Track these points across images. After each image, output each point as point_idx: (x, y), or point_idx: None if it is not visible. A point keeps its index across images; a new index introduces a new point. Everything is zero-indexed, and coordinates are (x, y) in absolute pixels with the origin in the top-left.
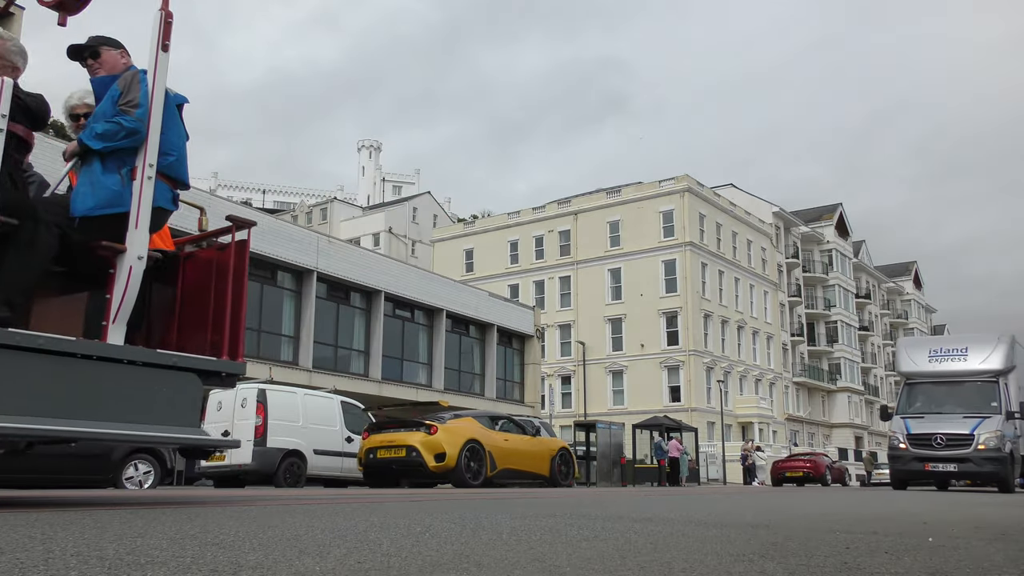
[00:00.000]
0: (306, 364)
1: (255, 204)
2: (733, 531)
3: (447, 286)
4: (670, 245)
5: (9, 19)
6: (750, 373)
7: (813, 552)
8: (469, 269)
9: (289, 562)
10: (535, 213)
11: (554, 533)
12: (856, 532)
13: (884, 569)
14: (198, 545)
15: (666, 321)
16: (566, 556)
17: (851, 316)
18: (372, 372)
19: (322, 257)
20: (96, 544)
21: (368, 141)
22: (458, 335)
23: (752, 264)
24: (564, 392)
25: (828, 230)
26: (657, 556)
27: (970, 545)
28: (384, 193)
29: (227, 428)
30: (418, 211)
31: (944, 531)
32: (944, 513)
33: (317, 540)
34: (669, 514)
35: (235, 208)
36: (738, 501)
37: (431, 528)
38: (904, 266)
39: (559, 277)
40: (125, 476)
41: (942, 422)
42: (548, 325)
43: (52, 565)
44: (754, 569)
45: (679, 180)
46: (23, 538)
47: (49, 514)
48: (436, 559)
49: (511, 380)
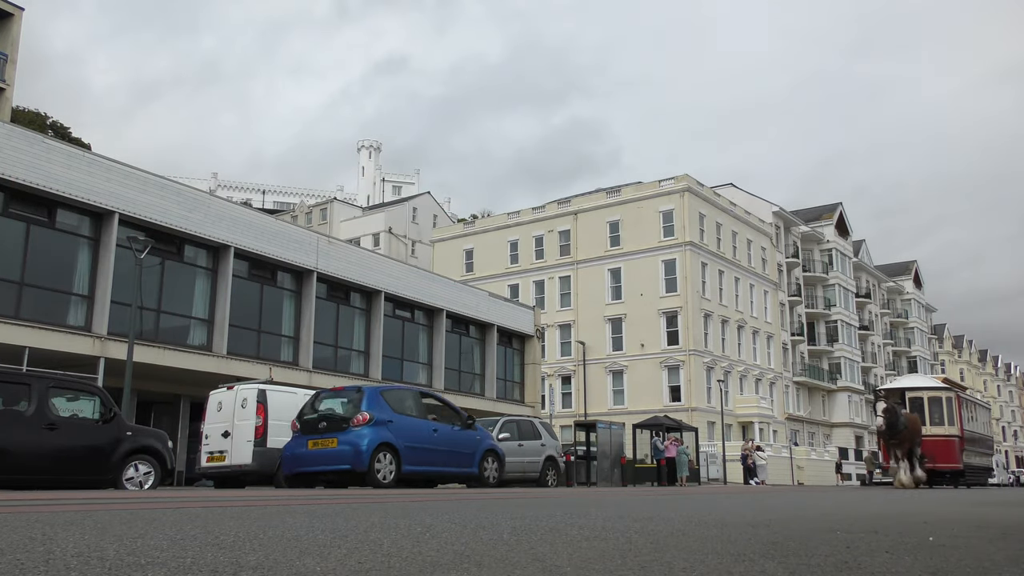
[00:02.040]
0: (306, 364)
1: (255, 204)
2: (733, 531)
3: (447, 286)
4: (670, 245)
5: (9, 19)
6: (750, 373)
7: (813, 552)
8: (469, 269)
9: (290, 562)
10: (535, 213)
11: (555, 533)
12: (856, 532)
13: (885, 568)
14: (199, 546)
15: (666, 321)
16: (567, 556)
17: (851, 315)
18: (372, 372)
19: (322, 257)
20: (97, 545)
21: (368, 141)
22: (458, 335)
23: (752, 264)
24: (564, 392)
25: (828, 229)
26: (658, 556)
27: (971, 544)
28: (384, 193)
29: (227, 428)
30: (418, 211)
31: (945, 531)
32: (945, 513)
33: (317, 540)
34: (669, 514)
35: (235, 208)
36: (738, 501)
37: (432, 528)
38: (904, 265)
39: (559, 277)
40: (125, 476)
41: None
42: (548, 325)
43: (52, 565)
44: (755, 569)
45: (679, 180)
46: (24, 539)
47: (49, 514)
48: (436, 559)
49: (511, 380)
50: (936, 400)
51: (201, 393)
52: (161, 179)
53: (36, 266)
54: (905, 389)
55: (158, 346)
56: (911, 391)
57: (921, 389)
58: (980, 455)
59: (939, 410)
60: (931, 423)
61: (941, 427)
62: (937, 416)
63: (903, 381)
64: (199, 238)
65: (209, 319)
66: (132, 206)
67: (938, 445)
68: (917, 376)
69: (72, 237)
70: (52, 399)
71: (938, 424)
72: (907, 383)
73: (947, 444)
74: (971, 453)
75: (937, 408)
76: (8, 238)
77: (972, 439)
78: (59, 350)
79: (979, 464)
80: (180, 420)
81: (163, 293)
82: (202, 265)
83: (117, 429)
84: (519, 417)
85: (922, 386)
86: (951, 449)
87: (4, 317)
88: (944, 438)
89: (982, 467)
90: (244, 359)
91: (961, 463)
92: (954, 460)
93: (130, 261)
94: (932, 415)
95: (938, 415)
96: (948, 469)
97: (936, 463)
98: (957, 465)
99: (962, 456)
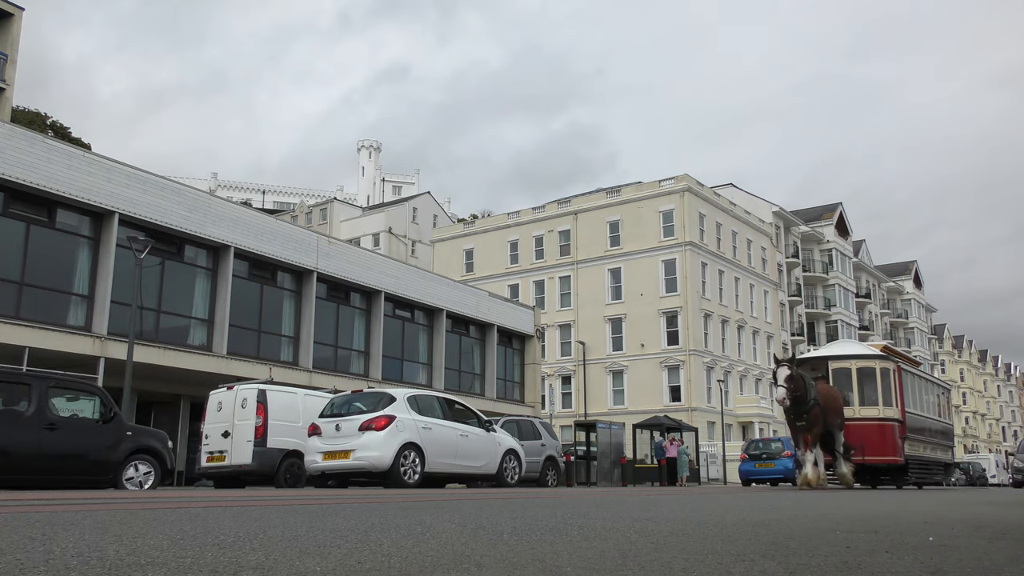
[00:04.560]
0: (306, 364)
1: (255, 204)
2: (733, 531)
3: (447, 286)
4: (670, 245)
5: (9, 19)
6: (750, 373)
7: (814, 551)
8: (469, 269)
9: (290, 562)
10: (535, 213)
11: (555, 533)
12: (857, 531)
13: (885, 568)
14: (199, 546)
15: (666, 321)
16: (567, 556)
17: (851, 316)
18: (372, 372)
19: (322, 257)
20: (97, 545)
21: (368, 141)
22: (458, 335)
23: (752, 264)
24: (564, 392)
25: (828, 229)
26: (658, 556)
27: (971, 544)
28: (384, 193)
29: (227, 428)
30: (418, 211)
31: (945, 530)
32: (945, 512)
33: (317, 540)
34: (669, 514)
35: (235, 208)
36: (738, 501)
37: (432, 528)
38: (904, 265)
39: (559, 277)
40: (125, 476)
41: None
42: (548, 325)
43: (52, 565)
44: (755, 569)
45: (679, 180)
46: (24, 539)
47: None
48: (436, 559)
49: (511, 380)
50: (868, 372)
51: (201, 393)
52: (161, 179)
53: (36, 266)
54: (828, 358)
55: (158, 346)
56: (836, 360)
57: (849, 358)
58: (932, 446)
59: (872, 386)
60: (861, 403)
61: (874, 408)
62: (871, 393)
63: (828, 349)
64: (199, 238)
65: (209, 319)
66: (132, 206)
67: (869, 431)
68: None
69: (72, 237)
70: (52, 399)
71: (871, 404)
72: (832, 350)
73: (881, 430)
74: (918, 443)
75: (870, 383)
76: (8, 238)
77: (919, 426)
78: (59, 350)
79: (930, 458)
80: (180, 420)
81: (163, 293)
82: (202, 265)
83: (117, 429)
84: (519, 417)
85: (851, 354)
86: (887, 437)
87: (4, 317)
88: (878, 422)
89: (934, 461)
90: (244, 359)
91: (901, 455)
92: (891, 451)
93: (130, 261)
94: (864, 392)
95: (872, 392)
96: (882, 463)
97: (866, 455)
98: (895, 458)
99: (903, 446)
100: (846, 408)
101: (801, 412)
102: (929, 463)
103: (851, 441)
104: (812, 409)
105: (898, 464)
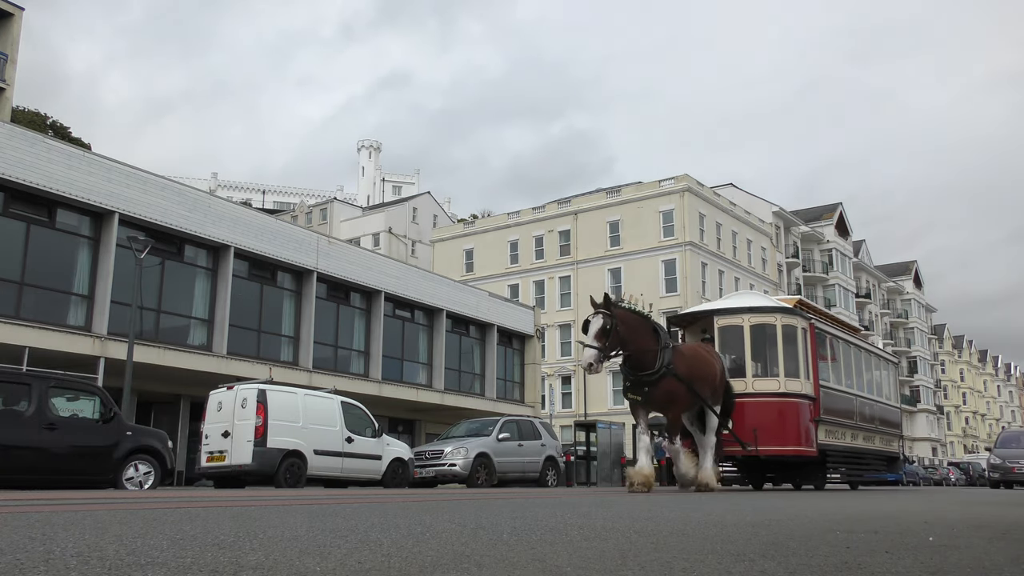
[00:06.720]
0: (306, 364)
1: (255, 204)
2: (733, 531)
3: (447, 286)
4: (670, 245)
5: (9, 19)
6: None
7: (814, 551)
8: (469, 269)
9: (290, 562)
10: (535, 213)
11: (555, 533)
12: (857, 531)
13: (885, 568)
14: (199, 546)
15: (666, 321)
16: (567, 556)
17: (851, 316)
18: (372, 372)
19: (322, 257)
20: (97, 545)
21: (368, 141)
22: (458, 335)
23: (752, 264)
24: (564, 392)
25: (828, 229)
26: (658, 556)
27: (971, 544)
28: (384, 193)
29: (227, 428)
30: (418, 211)
31: (945, 530)
32: (945, 512)
33: (318, 540)
34: (669, 514)
35: (235, 208)
36: (738, 501)
37: (432, 528)
38: (904, 265)
39: (559, 277)
40: (125, 476)
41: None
42: (548, 325)
43: (52, 565)
44: (755, 569)
45: (679, 180)
46: (24, 539)
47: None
48: (437, 559)
49: (511, 380)
50: (767, 330)
51: (201, 393)
52: (161, 179)
53: (36, 266)
54: (715, 312)
55: (158, 346)
56: (723, 316)
57: (739, 312)
58: (867, 434)
59: (773, 349)
60: (756, 373)
61: (773, 380)
62: (769, 359)
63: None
64: (199, 238)
65: (209, 319)
66: (132, 206)
67: (765, 412)
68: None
69: (72, 237)
70: (52, 399)
71: (768, 375)
72: (720, 303)
73: (782, 410)
74: (841, 429)
75: (770, 345)
76: (8, 238)
77: (843, 408)
78: (59, 350)
79: (863, 448)
80: (180, 420)
81: (163, 293)
82: (202, 265)
83: (117, 429)
84: (519, 417)
85: (743, 306)
86: (790, 420)
87: (4, 317)
88: (777, 399)
89: (870, 453)
90: (244, 359)
91: (814, 445)
92: (795, 439)
93: (130, 261)
94: (759, 357)
95: (771, 358)
96: (784, 454)
97: (759, 443)
98: (803, 448)
99: (817, 433)
100: (736, 381)
101: (641, 382)
102: (862, 455)
103: (743, 425)
104: (661, 379)
105: (809, 456)
